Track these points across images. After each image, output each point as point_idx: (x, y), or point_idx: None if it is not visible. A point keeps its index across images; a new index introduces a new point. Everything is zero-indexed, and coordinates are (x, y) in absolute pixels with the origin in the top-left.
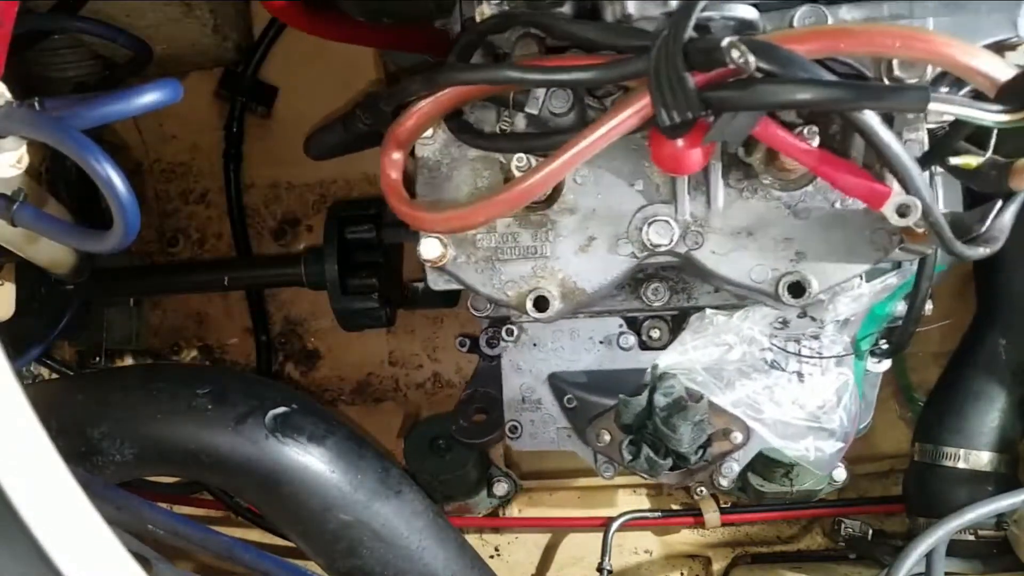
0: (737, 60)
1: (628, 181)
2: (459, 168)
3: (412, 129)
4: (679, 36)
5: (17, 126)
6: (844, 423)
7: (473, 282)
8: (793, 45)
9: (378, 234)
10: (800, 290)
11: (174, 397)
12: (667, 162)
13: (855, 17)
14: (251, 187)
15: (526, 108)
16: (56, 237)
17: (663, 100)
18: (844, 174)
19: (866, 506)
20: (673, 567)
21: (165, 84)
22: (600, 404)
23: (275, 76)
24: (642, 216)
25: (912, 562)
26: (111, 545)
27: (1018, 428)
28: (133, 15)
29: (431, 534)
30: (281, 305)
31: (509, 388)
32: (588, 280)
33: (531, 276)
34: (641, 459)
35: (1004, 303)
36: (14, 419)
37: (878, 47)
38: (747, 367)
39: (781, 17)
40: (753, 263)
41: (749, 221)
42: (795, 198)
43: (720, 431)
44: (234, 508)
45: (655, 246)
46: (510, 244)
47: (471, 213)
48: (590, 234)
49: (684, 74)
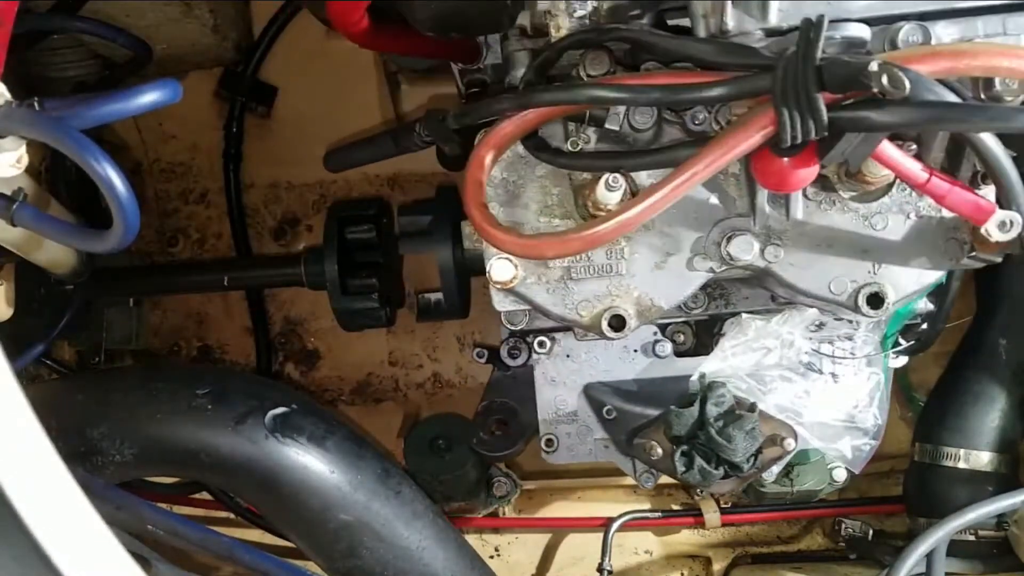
0: (886, 85)
1: (703, 195)
2: (527, 185)
3: (498, 148)
4: (811, 55)
5: (17, 126)
6: (878, 420)
7: (544, 303)
8: (916, 65)
9: (379, 234)
10: (879, 301)
11: (174, 397)
12: (774, 179)
13: (951, 34)
14: (251, 187)
15: (607, 124)
16: (56, 237)
17: (790, 119)
18: (953, 192)
19: (866, 506)
20: (673, 567)
21: (165, 84)
22: (642, 414)
23: (275, 76)
24: (719, 230)
25: (912, 562)
26: (111, 545)
27: (1018, 428)
28: (133, 15)
29: (431, 534)
30: (281, 305)
31: (543, 401)
32: (664, 296)
33: (606, 295)
34: (694, 470)
35: (1004, 303)
36: (14, 419)
37: (997, 68)
38: (786, 371)
39: (883, 34)
40: (832, 275)
41: (827, 233)
42: (872, 209)
43: (769, 438)
44: (234, 508)
45: (735, 260)
46: (583, 263)
47: (589, 237)
48: (666, 250)
49: (816, 95)
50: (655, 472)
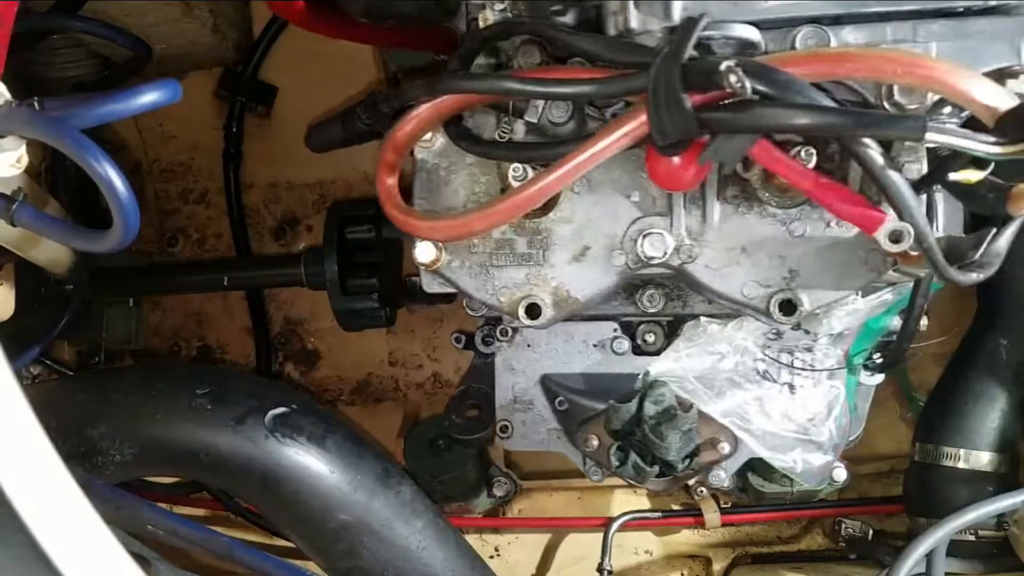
0: (734, 84)
1: (625, 192)
2: (457, 172)
3: (410, 134)
4: (679, 55)
5: (17, 126)
6: (833, 436)
7: (467, 286)
8: (793, 68)
9: (378, 232)
10: (791, 308)
11: (174, 397)
12: (662, 178)
13: (858, 38)
14: (251, 187)
15: (525, 116)
16: (56, 237)
17: (659, 119)
18: (838, 199)
19: (866, 506)
20: (673, 567)
21: (164, 84)
22: (591, 408)
23: (275, 76)
24: (637, 228)
25: (912, 562)
26: (110, 545)
27: (1018, 428)
28: (132, 15)
29: (431, 534)
30: (281, 305)
31: (502, 388)
32: (581, 289)
33: (524, 283)
34: (628, 465)
35: (1004, 303)
36: (14, 419)
37: (879, 73)
38: (739, 377)
39: (783, 37)
40: (746, 279)
41: (744, 237)
42: (791, 215)
43: (708, 441)
44: (234, 508)
45: (649, 258)
46: (505, 251)
47: (466, 223)
48: (585, 244)
49: (682, 95)
50: (603, 467)
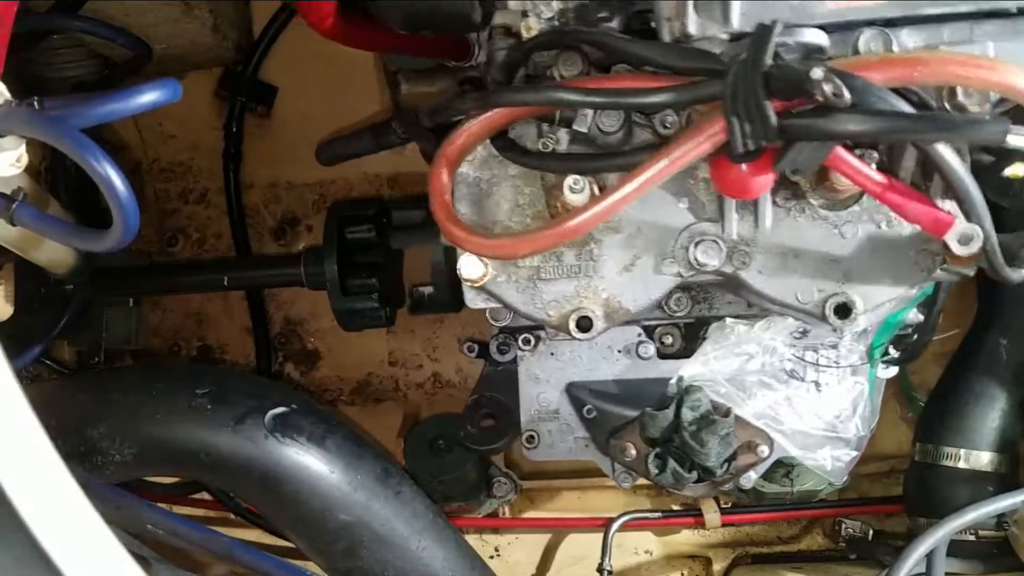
0: (829, 93)
1: (674, 200)
2: (499, 184)
3: (462, 148)
4: (759, 61)
5: (16, 125)
6: (859, 431)
7: (514, 302)
8: (868, 73)
9: (379, 234)
10: (846, 311)
11: (174, 397)
12: (731, 186)
13: (916, 41)
14: (251, 187)
15: (575, 125)
16: (55, 237)
17: (740, 127)
18: (911, 202)
19: (866, 506)
20: (673, 567)
21: (164, 84)
22: (621, 415)
23: (275, 76)
24: (688, 235)
25: (913, 562)
26: (110, 545)
27: (1019, 428)
28: (132, 14)
29: (431, 534)
30: (281, 305)
31: (526, 397)
32: (632, 299)
33: (574, 296)
34: (667, 473)
35: (1005, 303)
36: (14, 419)
37: (951, 76)
38: (768, 377)
39: (843, 41)
40: (799, 284)
41: (796, 241)
42: (842, 218)
43: (745, 444)
44: (234, 508)
45: (702, 266)
46: (553, 263)
47: (526, 242)
48: (635, 253)
49: (764, 102)
50: (633, 473)
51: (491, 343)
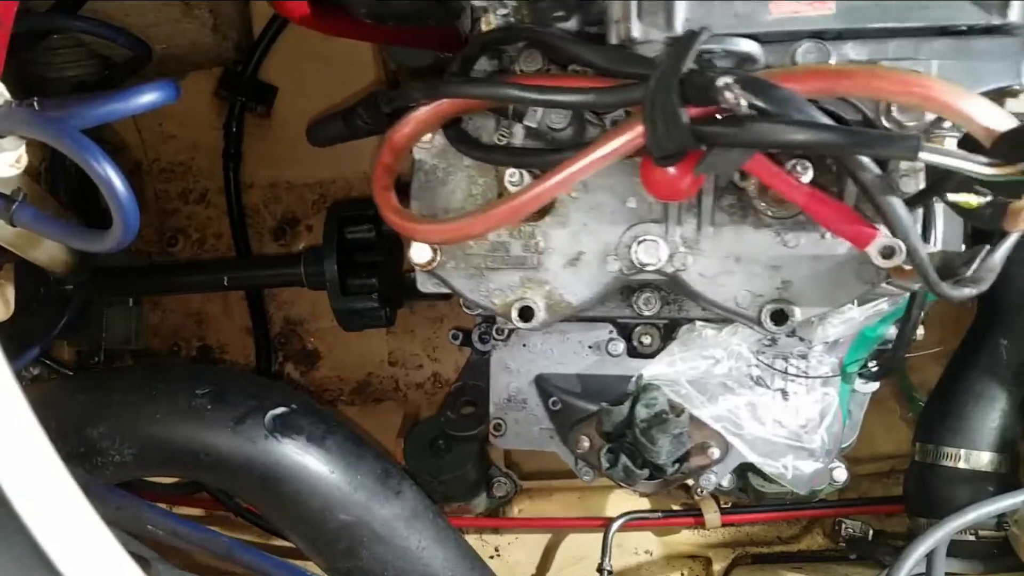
0: (730, 101)
1: (621, 198)
2: (455, 174)
3: (409, 135)
4: (676, 68)
5: (16, 126)
6: (825, 443)
7: (461, 288)
8: (791, 84)
9: (379, 234)
10: (783, 318)
11: (173, 397)
12: (657, 188)
13: (860, 54)
14: (251, 187)
15: (524, 121)
16: (55, 237)
17: (655, 131)
18: (831, 214)
19: (866, 506)
20: (673, 567)
21: (164, 84)
22: (584, 409)
23: (275, 76)
24: (632, 234)
25: (913, 562)
26: (110, 545)
27: (1019, 428)
28: (132, 14)
29: (431, 534)
30: (281, 305)
31: (497, 386)
32: (574, 293)
33: (518, 286)
34: (618, 467)
35: (1005, 303)
36: (13, 419)
37: (876, 91)
38: (732, 382)
39: (784, 51)
40: (739, 288)
41: (738, 246)
42: (786, 226)
43: (698, 445)
44: (233, 508)
45: (643, 265)
46: (500, 253)
47: (460, 227)
48: (580, 248)
49: (678, 108)
50: (594, 465)
51: (473, 332)
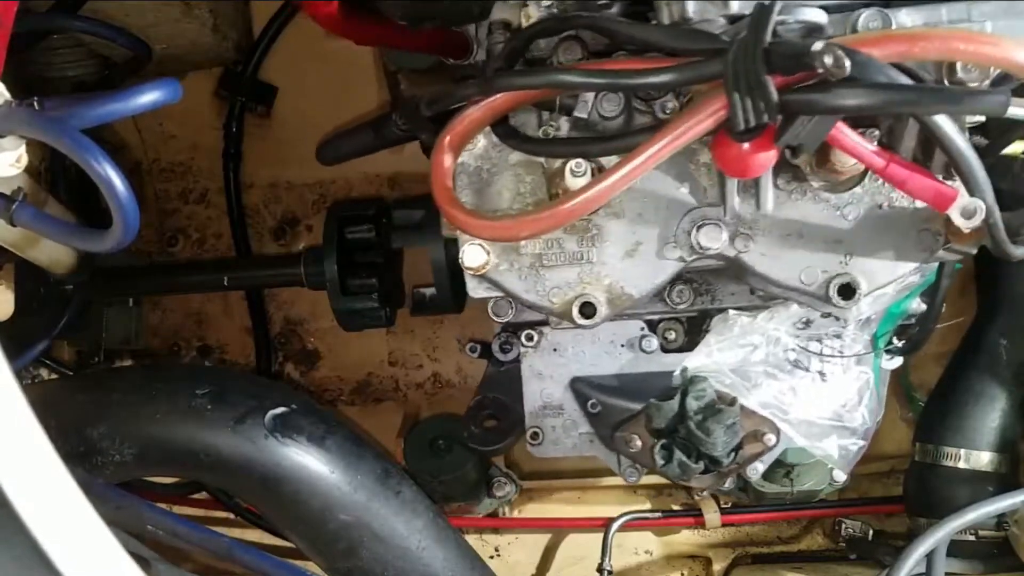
0: (830, 65)
1: (675, 185)
2: (500, 173)
3: (464, 134)
4: (760, 39)
5: (16, 126)
6: (866, 421)
7: (516, 289)
8: (869, 48)
9: (379, 234)
10: (850, 291)
11: (173, 397)
12: (733, 165)
13: (915, 20)
14: (251, 187)
15: (575, 112)
16: (55, 237)
17: (742, 104)
18: (914, 177)
19: (866, 506)
20: (673, 567)
21: (164, 84)
22: (625, 408)
23: (275, 75)
24: (690, 219)
25: (913, 562)
26: (110, 545)
27: (1019, 428)
28: (132, 14)
29: (431, 534)
30: (281, 305)
31: (530, 394)
32: (635, 285)
33: (577, 282)
34: (674, 463)
35: (1005, 303)
36: (13, 419)
37: (951, 52)
38: (772, 368)
39: (844, 20)
40: (803, 265)
41: (798, 223)
42: (843, 200)
43: (751, 433)
44: (233, 508)
45: (705, 249)
46: (555, 250)
47: (527, 223)
48: (637, 239)
49: (765, 78)
50: (639, 467)
51: (493, 342)
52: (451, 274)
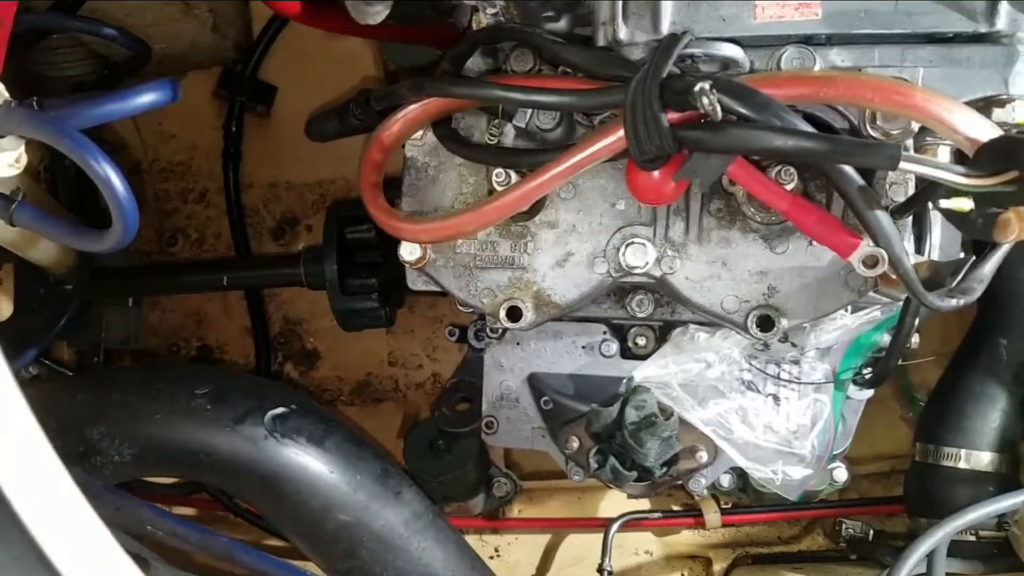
0: (706, 106)
1: (611, 200)
2: (446, 172)
3: (397, 134)
4: (657, 73)
5: (16, 126)
6: (816, 449)
7: (450, 286)
8: (772, 90)
9: (379, 234)
10: (769, 324)
11: (173, 397)
12: (641, 191)
13: (845, 60)
14: (250, 187)
15: (514, 120)
16: (55, 237)
17: (637, 135)
18: (814, 222)
19: (867, 506)
20: (673, 568)
21: (164, 84)
22: (575, 409)
23: (274, 75)
24: (620, 236)
25: (913, 563)
26: (109, 546)
27: (1019, 428)
28: (132, 14)
29: (431, 535)
30: (281, 305)
31: (489, 384)
32: (562, 294)
33: (507, 286)
34: (607, 468)
35: (1005, 303)
36: (13, 419)
37: (858, 98)
38: (723, 386)
39: (769, 56)
40: (726, 293)
41: (726, 251)
42: (773, 231)
43: (687, 448)
44: (233, 509)
45: (630, 268)
46: (489, 252)
47: (446, 226)
48: (568, 249)
49: (659, 113)
50: (583, 466)
51: (469, 329)
52: None
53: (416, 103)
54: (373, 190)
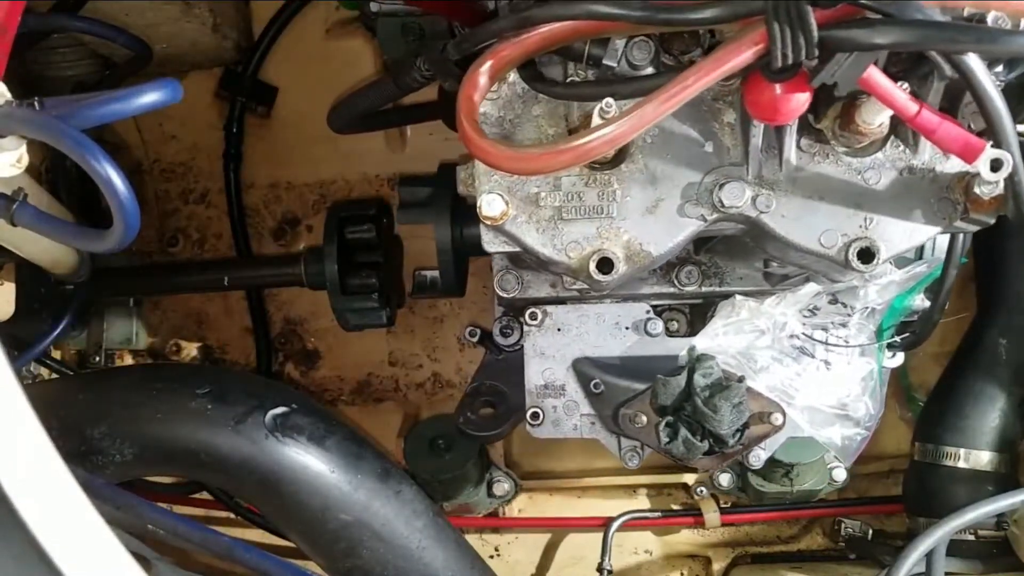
0: None
1: (698, 143)
2: (523, 125)
3: (492, 73)
4: None
5: (17, 126)
6: (869, 411)
7: (533, 243)
8: None
9: (379, 234)
10: (869, 256)
11: (174, 397)
12: (764, 108)
13: None
14: (251, 187)
15: (605, 60)
16: (56, 237)
17: (783, 38)
18: (943, 126)
19: (866, 506)
20: (673, 567)
21: (165, 84)
22: (630, 388)
23: (275, 76)
24: (713, 178)
25: (912, 562)
26: (111, 545)
27: (1018, 428)
28: (133, 14)
29: (431, 534)
30: (281, 305)
31: (531, 374)
32: (655, 242)
33: (595, 237)
34: (678, 441)
35: (1004, 303)
36: (14, 419)
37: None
38: (778, 353)
39: None
40: (823, 228)
41: (819, 186)
42: (865, 164)
43: (757, 414)
44: (234, 508)
45: (727, 208)
46: (575, 203)
47: (549, 156)
48: (658, 195)
49: (807, 10)
50: (640, 450)
51: (494, 326)
52: (455, 256)
53: (512, 39)
54: (471, 110)
